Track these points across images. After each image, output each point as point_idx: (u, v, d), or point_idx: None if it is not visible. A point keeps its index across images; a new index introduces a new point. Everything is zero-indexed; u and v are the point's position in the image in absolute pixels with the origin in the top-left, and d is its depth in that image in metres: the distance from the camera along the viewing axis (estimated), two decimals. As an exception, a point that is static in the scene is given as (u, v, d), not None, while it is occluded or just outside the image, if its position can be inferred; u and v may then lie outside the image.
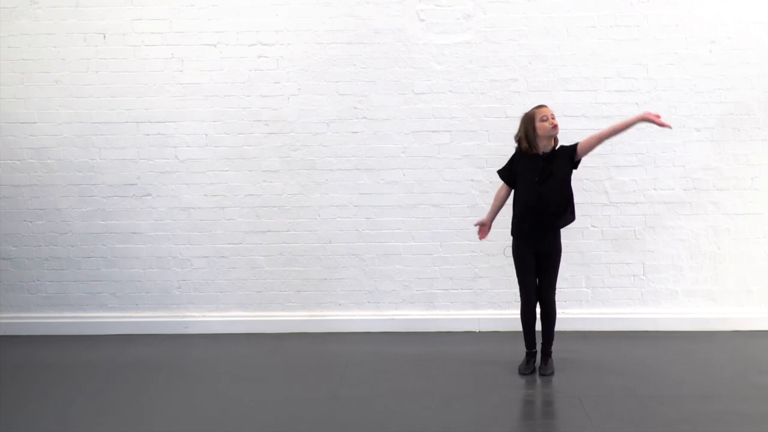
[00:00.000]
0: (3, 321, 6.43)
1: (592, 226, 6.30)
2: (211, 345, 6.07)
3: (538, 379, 5.11)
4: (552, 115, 5.03)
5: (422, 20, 6.23)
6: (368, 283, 6.40)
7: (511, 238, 5.23)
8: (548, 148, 5.06)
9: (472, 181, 6.27)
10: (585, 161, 6.20)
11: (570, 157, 5.07)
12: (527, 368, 5.25)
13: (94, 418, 4.52)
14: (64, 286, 6.45)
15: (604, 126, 6.14)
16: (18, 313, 6.46)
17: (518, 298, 5.60)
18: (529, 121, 5.04)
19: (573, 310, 6.32)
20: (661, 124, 4.90)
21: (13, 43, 6.30)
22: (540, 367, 5.25)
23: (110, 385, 5.12)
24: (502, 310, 6.28)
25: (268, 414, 4.53)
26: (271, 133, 6.32)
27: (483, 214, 6.14)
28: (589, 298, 6.33)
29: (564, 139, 6.17)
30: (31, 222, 6.43)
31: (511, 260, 5.27)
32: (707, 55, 6.17)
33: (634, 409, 4.47)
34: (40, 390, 5.03)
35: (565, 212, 5.10)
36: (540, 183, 5.00)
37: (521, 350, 5.35)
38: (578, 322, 6.26)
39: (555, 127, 5.00)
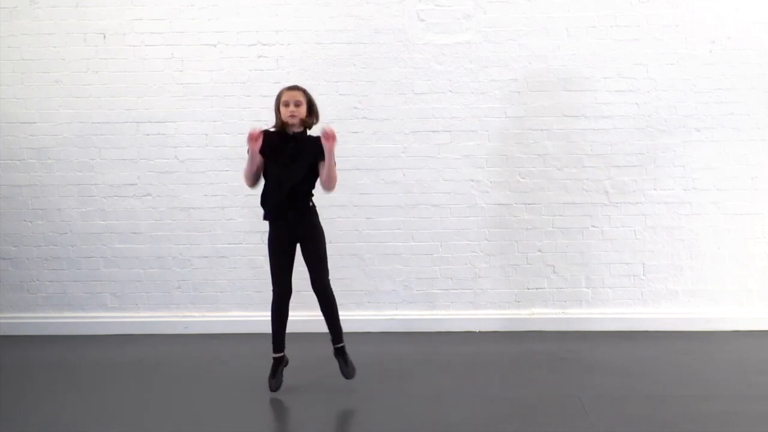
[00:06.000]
0: (3, 321, 6.43)
1: (592, 226, 6.29)
2: (211, 345, 6.07)
3: (537, 380, 5.10)
4: (296, 101, 4.65)
5: (422, 20, 6.23)
6: (368, 283, 6.40)
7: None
8: (298, 129, 4.73)
9: (472, 181, 6.26)
10: (585, 161, 6.25)
11: (319, 153, 4.69)
12: (276, 382, 4.81)
13: (94, 418, 4.51)
14: (64, 286, 6.45)
15: (605, 125, 6.18)
16: (18, 313, 6.46)
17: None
18: (276, 100, 4.72)
19: (573, 310, 6.31)
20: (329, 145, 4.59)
21: (13, 43, 6.30)
22: (341, 369, 4.90)
23: (110, 385, 5.11)
24: (502, 310, 6.26)
25: (268, 414, 4.53)
26: (271, 133, 6.32)
27: (483, 214, 6.16)
28: (589, 298, 6.33)
29: (566, 139, 6.20)
30: (31, 222, 6.43)
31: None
32: (707, 55, 6.16)
33: (634, 409, 4.46)
34: (40, 390, 5.02)
35: (310, 198, 4.84)
36: (292, 160, 4.69)
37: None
38: (578, 322, 6.25)
39: (292, 116, 4.66)
